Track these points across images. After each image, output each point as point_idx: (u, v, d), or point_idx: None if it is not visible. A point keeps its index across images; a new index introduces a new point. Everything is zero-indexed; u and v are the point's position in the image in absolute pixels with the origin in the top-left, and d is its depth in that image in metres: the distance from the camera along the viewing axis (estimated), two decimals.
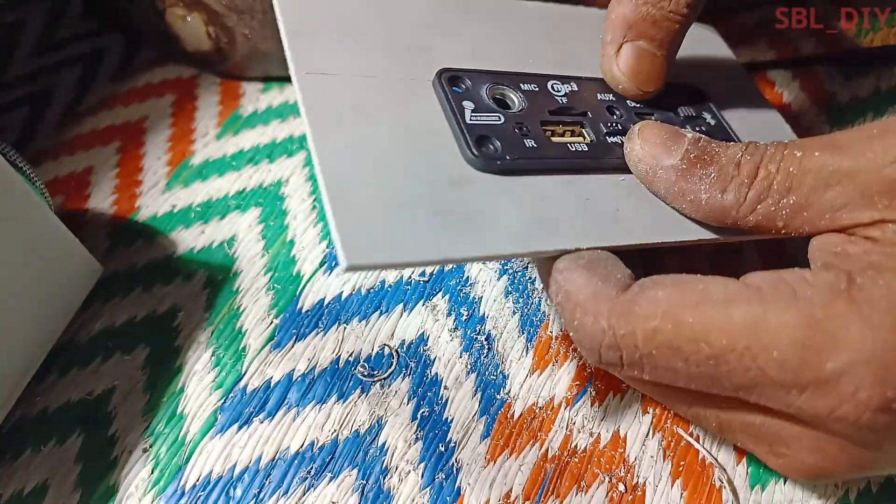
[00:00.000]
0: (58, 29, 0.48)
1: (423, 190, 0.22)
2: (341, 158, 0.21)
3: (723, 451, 0.27)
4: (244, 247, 0.35)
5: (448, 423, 0.28)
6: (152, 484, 0.27)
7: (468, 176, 0.23)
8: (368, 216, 0.20)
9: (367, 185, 0.21)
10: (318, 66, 0.24)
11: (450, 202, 0.22)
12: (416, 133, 0.24)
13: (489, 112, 0.25)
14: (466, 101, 0.25)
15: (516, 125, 0.26)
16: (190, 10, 0.40)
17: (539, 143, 0.25)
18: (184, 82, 0.43)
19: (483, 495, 0.26)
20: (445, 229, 0.21)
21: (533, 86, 0.27)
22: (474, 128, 0.24)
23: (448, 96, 0.25)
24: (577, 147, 0.26)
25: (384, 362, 0.30)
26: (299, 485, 0.27)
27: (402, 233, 0.20)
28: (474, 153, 0.23)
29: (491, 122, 0.25)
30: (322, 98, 0.23)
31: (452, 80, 0.26)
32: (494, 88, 0.27)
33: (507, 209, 0.23)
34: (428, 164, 0.23)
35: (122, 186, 0.38)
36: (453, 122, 0.24)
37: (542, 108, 0.27)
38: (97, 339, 0.31)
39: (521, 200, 0.23)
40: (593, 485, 0.26)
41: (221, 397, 0.29)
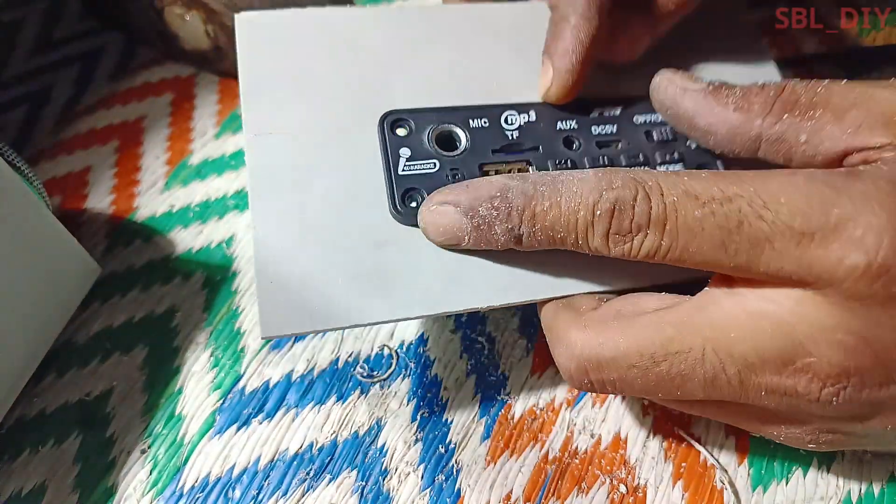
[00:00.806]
0: (56, 28, 0.48)
1: (345, 257, 0.23)
2: (272, 229, 0.23)
3: (724, 452, 0.27)
4: (243, 247, 0.34)
5: (448, 424, 0.28)
6: (151, 485, 0.27)
7: (393, 234, 0.24)
8: (288, 290, 0.22)
9: (291, 256, 0.23)
10: (266, 125, 0.24)
11: (369, 266, 0.23)
12: (350, 191, 0.24)
13: (425, 159, 0.25)
14: (404, 147, 0.25)
15: (451, 171, 0.25)
16: (188, 9, 0.39)
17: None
18: (182, 81, 0.43)
19: (483, 497, 0.26)
20: (359, 296, 0.23)
21: (483, 120, 0.27)
22: (404, 179, 0.24)
23: (386, 145, 0.25)
24: None
25: (384, 363, 0.30)
26: (298, 486, 0.27)
27: (317, 303, 0.22)
28: (398, 209, 0.24)
29: (424, 171, 0.25)
30: (264, 162, 0.24)
31: (395, 124, 0.26)
32: (440, 128, 0.26)
33: (424, 267, 0.23)
34: (354, 226, 0.24)
35: (120, 186, 0.38)
36: (385, 172, 0.25)
37: (486, 146, 0.26)
38: (95, 340, 0.31)
39: (440, 256, 0.24)
40: (594, 486, 0.26)
41: (220, 398, 0.29)
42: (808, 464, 0.26)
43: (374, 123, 0.25)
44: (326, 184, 0.24)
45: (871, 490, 0.26)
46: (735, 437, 0.27)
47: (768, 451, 0.26)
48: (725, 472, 0.26)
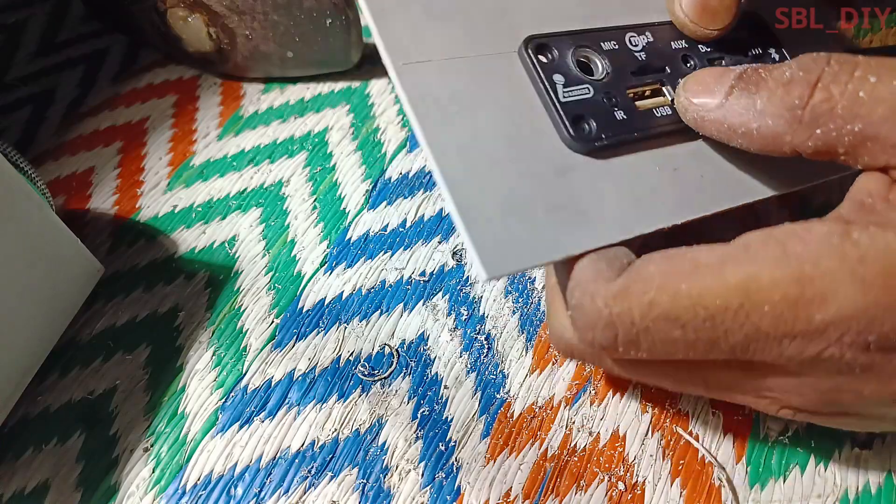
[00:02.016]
0: (60, 30, 0.48)
1: (535, 186, 0.22)
2: (458, 167, 0.22)
3: (722, 449, 0.27)
4: (245, 247, 0.35)
5: (448, 422, 0.28)
6: (153, 483, 0.27)
7: (570, 162, 0.23)
8: (495, 226, 0.21)
9: (486, 192, 0.21)
10: (409, 53, 0.23)
11: (559, 195, 0.22)
12: (516, 119, 0.23)
13: (578, 84, 0.25)
14: (556, 74, 0.24)
15: (605, 96, 0.25)
16: (191, 12, 0.40)
17: (628, 114, 0.25)
18: (185, 83, 0.44)
19: (483, 494, 0.26)
20: (562, 226, 0.22)
21: (613, 43, 0.26)
22: (569, 107, 0.24)
23: (539, 74, 0.24)
24: (662, 112, 0.26)
25: (385, 362, 0.30)
26: (300, 484, 0.27)
27: (527, 237, 0.21)
28: (572, 136, 0.23)
29: (582, 97, 0.24)
30: (422, 93, 0.22)
31: (538, 49, 0.25)
32: (578, 52, 0.25)
33: (609, 194, 0.23)
34: (533, 155, 0.23)
35: (123, 187, 0.38)
36: (548, 102, 0.24)
37: (624, 69, 0.26)
38: (99, 339, 0.32)
39: (620, 182, 0.23)
40: (593, 483, 0.26)
41: (222, 397, 0.29)
42: (805, 461, 0.26)
43: (513, 48, 0.24)
44: (490, 114, 0.23)
45: (869, 487, 0.26)
46: (733, 434, 0.27)
47: (766, 449, 0.27)
48: (723, 469, 0.26)
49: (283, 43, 0.39)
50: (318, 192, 0.37)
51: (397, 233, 0.34)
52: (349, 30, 0.38)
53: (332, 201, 0.36)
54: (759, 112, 0.22)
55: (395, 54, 0.22)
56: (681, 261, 0.20)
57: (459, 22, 0.24)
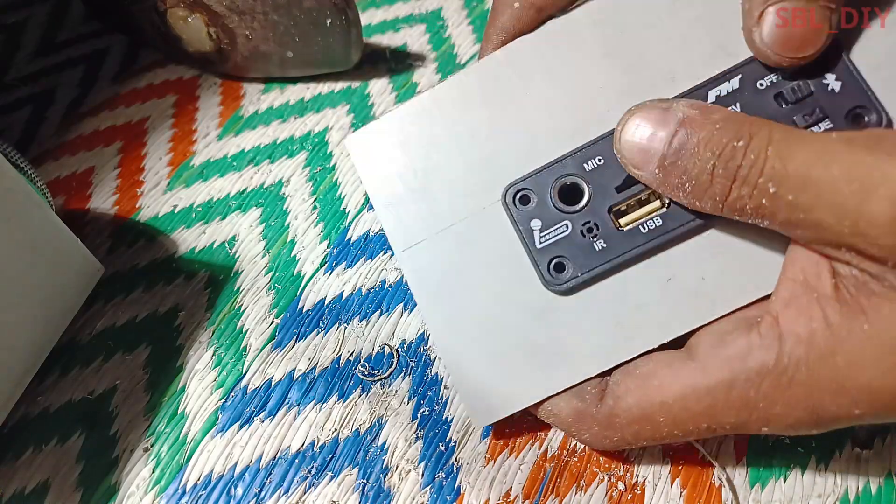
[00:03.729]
0: (60, 30, 0.48)
1: (515, 335, 0.25)
2: (448, 334, 0.26)
3: (722, 450, 0.27)
4: (245, 247, 0.35)
5: (448, 422, 0.28)
6: (153, 483, 0.27)
7: (549, 303, 0.25)
8: (482, 382, 0.25)
9: (473, 352, 0.25)
10: (409, 236, 0.26)
11: (538, 337, 0.25)
12: (500, 272, 0.25)
13: (556, 223, 0.25)
14: (534, 219, 0.25)
15: (584, 228, 0.24)
16: (191, 12, 0.40)
17: (609, 241, 0.24)
18: (185, 83, 0.44)
19: (483, 494, 0.26)
20: (541, 369, 0.25)
21: (598, 159, 0.25)
22: (544, 252, 0.25)
23: (516, 223, 0.25)
24: (651, 223, 0.24)
25: (385, 362, 0.30)
26: (300, 484, 0.27)
27: (510, 386, 0.25)
28: (547, 281, 0.25)
29: (559, 237, 0.25)
30: (420, 274, 0.26)
31: (517, 197, 0.25)
32: (560, 183, 0.25)
33: (588, 326, 0.25)
34: (515, 304, 0.25)
35: (123, 187, 0.38)
36: (526, 248, 0.25)
37: (608, 187, 0.24)
38: (99, 339, 0.32)
39: (601, 310, 0.25)
40: (593, 484, 0.26)
41: (222, 396, 0.29)
42: (805, 462, 0.26)
43: (496, 199, 0.26)
44: (478, 274, 0.26)
45: (869, 488, 0.26)
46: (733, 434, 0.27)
47: (766, 449, 0.27)
48: (723, 469, 0.26)
49: (283, 43, 0.39)
50: (318, 192, 0.37)
51: None
52: (349, 30, 0.38)
53: (332, 201, 0.36)
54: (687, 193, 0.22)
55: (396, 242, 0.27)
56: (652, 392, 0.23)
57: (447, 186, 0.26)
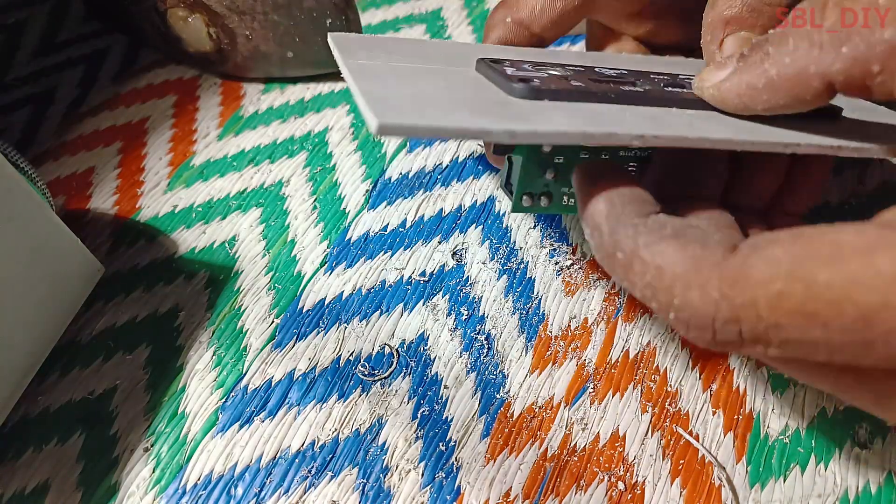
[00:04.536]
0: (60, 30, 0.48)
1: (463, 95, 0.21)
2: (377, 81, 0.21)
3: (722, 449, 0.27)
4: (245, 247, 0.35)
5: (448, 422, 0.28)
6: (153, 483, 0.27)
7: (513, 101, 0.21)
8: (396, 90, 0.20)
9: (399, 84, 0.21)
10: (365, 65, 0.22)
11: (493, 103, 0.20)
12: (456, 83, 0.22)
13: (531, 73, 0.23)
14: (508, 67, 0.23)
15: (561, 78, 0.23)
16: (191, 12, 0.40)
17: (586, 85, 0.22)
18: (185, 83, 0.44)
19: (483, 494, 0.26)
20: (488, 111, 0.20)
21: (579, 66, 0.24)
22: (515, 75, 0.22)
23: (489, 64, 0.23)
24: (631, 89, 0.23)
25: (385, 362, 0.30)
26: (300, 483, 0.27)
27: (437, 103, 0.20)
28: (516, 86, 0.21)
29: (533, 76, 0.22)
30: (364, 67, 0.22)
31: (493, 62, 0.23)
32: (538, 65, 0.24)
33: (558, 115, 0.20)
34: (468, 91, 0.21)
35: (123, 187, 0.38)
36: (494, 75, 0.22)
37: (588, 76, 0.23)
38: (99, 339, 0.32)
39: (573, 111, 0.21)
40: (593, 483, 0.26)
41: (223, 396, 0.29)
42: (805, 461, 0.26)
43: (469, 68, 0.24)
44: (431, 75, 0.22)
45: (869, 487, 0.26)
46: (733, 434, 0.27)
47: (766, 449, 0.27)
48: (723, 469, 0.26)
49: (284, 43, 0.39)
50: (318, 192, 0.37)
51: (397, 233, 0.34)
52: (349, 30, 0.38)
53: (333, 201, 0.36)
54: (773, 57, 0.20)
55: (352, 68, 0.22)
56: (817, 243, 0.17)
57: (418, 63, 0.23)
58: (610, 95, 0.22)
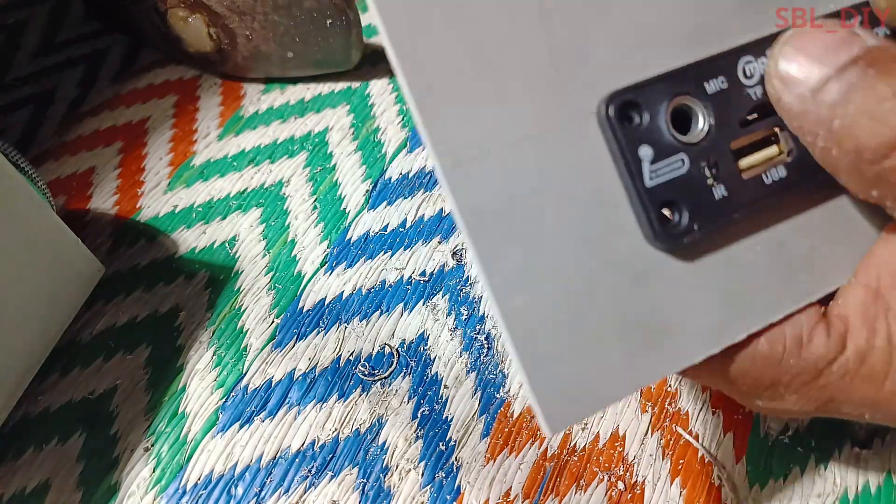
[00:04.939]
0: (60, 30, 0.48)
1: (606, 306, 0.19)
2: (519, 297, 0.18)
3: (722, 449, 0.27)
4: (245, 247, 0.35)
5: (448, 421, 0.28)
6: (154, 482, 0.27)
7: (652, 264, 0.19)
8: (559, 369, 0.18)
9: (551, 323, 0.18)
10: (461, 146, 0.18)
11: (636, 309, 0.19)
12: (590, 215, 0.19)
13: (671, 156, 0.19)
14: (644, 145, 0.19)
15: (704, 166, 0.19)
16: (192, 12, 0.40)
17: (730, 188, 0.19)
18: (185, 83, 0.44)
19: (483, 494, 0.26)
20: (637, 353, 0.19)
21: (721, 80, 0.19)
22: (656, 193, 0.19)
23: (622, 147, 0.19)
24: (774, 175, 0.20)
25: (385, 361, 0.30)
26: (300, 483, 0.27)
27: (593, 374, 0.19)
28: (656, 233, 0.19)
29: (674, 175, 0.19)
30: (477, 203, 0.18)
31: (623, 109, 0.19)
32: (675, 104, 0.19)
33: (697, 298, 0.19)
34: (607, 262, 0.19)
35: (124, 187, 0.38)
36: (630, 186, 0.19)
37: (731, 120, 0.19)
38: (99, 339, 0.32)
39: (712, 280, 0.20)
40: (592, 483, 0.26)
41: (223, 396, 0.29)
42: (805, 461, 0.26)
43: (589, 108, 0.19)
44: (558, 214, 0.19)
45: (869, 487, 0.26)
46: (733, 434, 0.27)
47: (766, 449, 0.27)
48: (723, 469, 0.26)
49: (284, 43, 0.39)
50: (318, 192, 0.37)
51: (397, 233, 0.34)
52: (349, 30, 0.38)
53: (333, 201, 0.36)
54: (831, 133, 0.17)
55: (442, 152, 0.18)
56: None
57: (523, 80, 0.19)
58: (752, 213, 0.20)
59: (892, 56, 0.17)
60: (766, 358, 0.19)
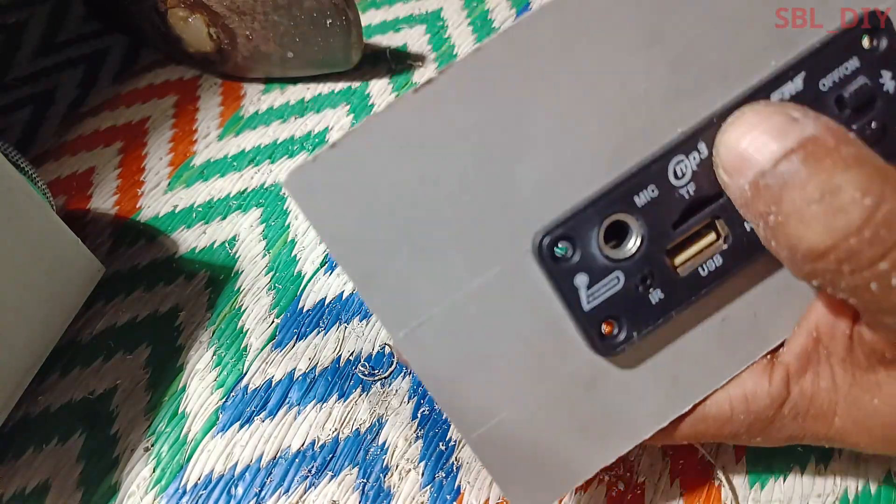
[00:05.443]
0: (60, 30, 0.48)
1: (563, 413, 0.21)
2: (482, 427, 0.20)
3: (722, 449, 0.27)
4: (245, 247, 0.35)
5: (448, 421, 0.28)
6: (154, 482, 0.27)
7: (599, 370, 0.21)
8: (527, 469, 0.21)
9: (514, 441, 0.21)
10: (405, 314, 0.19)
11: (589, 412, 0.21)
12: (536, 346, 0.20)
13: (605, 276, 0.20)
14: (578, 273, 0.20)
15: (639, 280, 0.20)
16: (192, 12, 0.40)
17: (667, 290, 0.20)
18: (185, 83, 0.44)
19: (483, 494, 0.26)
20: (592, 442, 0.21)
21: (650, 189, 0.19)
22: (594, 315, 0.20)
23: (557, 283, 0.20)
24: (710, 266, 0.20)
25: (385, 361, 0.30)
26: (300, 483, 0.27)
27: (560, 471, 0.21)
28: (599, 348, 0.20)
29: (610, 293, 0.20)
30: (433, 365, 0.20)
31: (554, 244, 0.19)
32: (606, 225, 0.20)
33: (643, 389, 0.21)
34: (559, 379, 0.21)
35: (124, 187, 0.38)
36: (568, 311, 0.20)
37: (664, 225, 0.20)
38: (99, 339, 0.32)
39: (656, 367, 0.21)
40: (592, 483, 0.26)
41: (223, 396, 0.29)
42: (805, 461, 0.26)
43: (525, 248, 0.20)
44: (509, 353, 0.20)
45: (868, 488, 0.26)
46: None
47: (766, 449, 0.27)
48: (723, 469, 0.26)
49: (284, 43, 0.39)
50: None
51: None
52: (349, 30, 0.38)
53: None
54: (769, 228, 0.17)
55: (391, 324, 0.19)
56: None
57: (454, 242, 0.19)
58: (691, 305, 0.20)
59: (827, 148, 0.16)
60: (717, 418, 0.21)
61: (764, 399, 0.21)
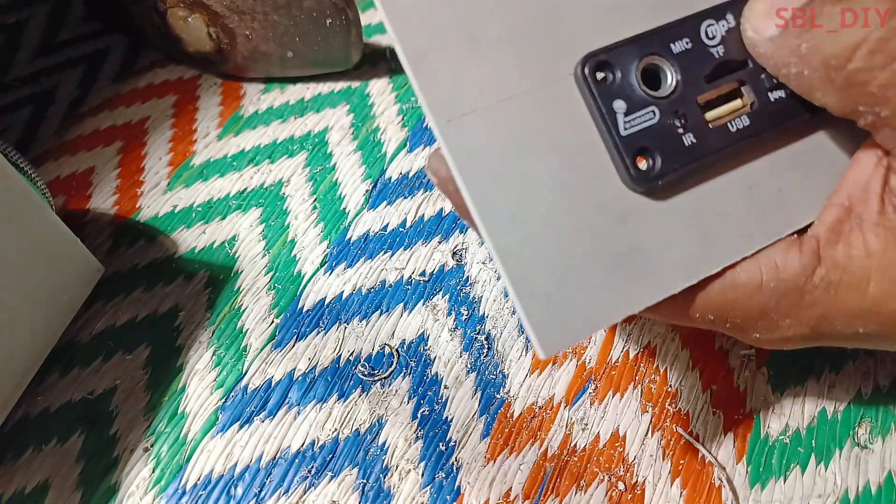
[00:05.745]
0: (60, 30, 0.48)
1: (593, 242, 0.21)
2: (511, 237, 0.20)
3: (722, 449, 0.27)
4: (245, 247, 0.35)
5: (448, 422, 0.28)
6: (153, 483, 0.27)
7: (631, 205, 0.21)
8: (550, 298, 0.20)
9: (542, 260, 0.20)
10: (454, 105, 0.20)
11: (619, 245, 0.21)
12: (573, 163, 0.21)
13: (642, 108, 0.21)
14: (617, 99, 0.21)
15: (673, 116, 0.22)
16: (191, 12, 0.40)
17: (698, 136, 0.22)
18: (185, 83, 0.44)
19: (483, 494, 0.26)
20: (623, 283, 0.21)
21: (686, 41, 0.22)
22: (629, 141, 0.21)
23: (597, 102, 0.21)
24: (738, 124, 0.22)
25: (385, 362, 0.30)
26: (300, 483, 0.27)
27: (583, 303, 0.20)
28: (633, 177, 0.21)
29: (646, 125, 0.21)
30: (470, 153, 0.20)
31: (597, 68, 0.21)
32: (645, 64, 0.22)
33: (674, 235, 0.21)
34: (591, 205, 0.21)
35: (123, 187, 0.38)
36: (606, 136, 0.21)
37: (697, 76, 0.22)
38: (99, 339, 0.32)
39: (688, 218, 0.22)
40: (593, 483, 0.26)
41: (222, 396, 0.29)
42: (805, 461, 0.26)
43: (568, 71, 0.21)
44: (544, 162, 0.21)
45: (869, 487, 0.26)
46: (733, 434, 0.27)
47: (766, 449, 0.27)
48: (723, 469, 0.26)
49: (283, 43, 0.39)
50: (318, 192, 0.37)
51: (397, 233, 0.34)
52: (349, 30, 0.38)
53: (332, 201, 0.36)
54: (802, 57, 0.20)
55: (437, 110, 0.20)
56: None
57: (508, 46, 0.21)
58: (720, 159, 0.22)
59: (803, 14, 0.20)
60: (747, 285, 0.21)
61: (795, 266, 0.21)
